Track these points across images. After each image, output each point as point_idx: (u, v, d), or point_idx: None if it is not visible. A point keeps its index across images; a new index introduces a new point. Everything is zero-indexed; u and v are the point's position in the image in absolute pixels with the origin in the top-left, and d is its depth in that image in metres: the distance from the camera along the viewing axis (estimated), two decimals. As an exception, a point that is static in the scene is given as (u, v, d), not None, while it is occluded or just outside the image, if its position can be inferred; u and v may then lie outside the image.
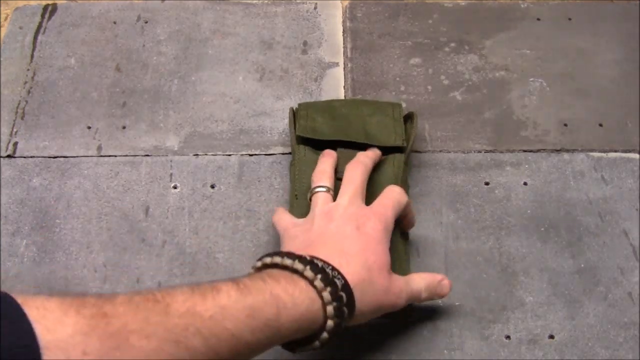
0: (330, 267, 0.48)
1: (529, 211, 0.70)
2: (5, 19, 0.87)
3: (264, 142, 0.76)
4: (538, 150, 0.75)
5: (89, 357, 0.35)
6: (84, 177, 0.73)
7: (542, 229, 0.69)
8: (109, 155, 0.75)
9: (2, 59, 0.83)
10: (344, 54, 0.84)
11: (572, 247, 0.68)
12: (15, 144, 0.75)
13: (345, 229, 0.53)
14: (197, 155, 0.75)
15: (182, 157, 0.75)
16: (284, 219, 0.60)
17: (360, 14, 0.88)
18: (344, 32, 0.86)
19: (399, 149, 0.67)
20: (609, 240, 0.68)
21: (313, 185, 0.60)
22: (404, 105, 0.75)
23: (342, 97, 0.79)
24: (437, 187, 0.72)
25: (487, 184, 0.72)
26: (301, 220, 0.58)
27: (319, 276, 0.47)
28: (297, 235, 0.55)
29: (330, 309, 0.46)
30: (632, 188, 0.72)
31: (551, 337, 0.62)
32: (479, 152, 0.75)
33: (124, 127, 0.77)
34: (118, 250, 0.68)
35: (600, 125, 0.77)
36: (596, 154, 0.75)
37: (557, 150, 0.75)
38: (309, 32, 0.86)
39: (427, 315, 0.63)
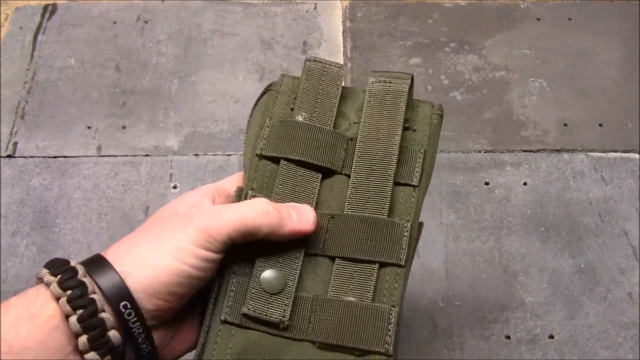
0: (105, 274, 0.33)
1: (528, 211, 0.70)
2: (6, 19, 0.87)
3: (264, 142, 0.76)
4: (538, 150, 0.75)
5: None
6: (83, 177, 0.73)
7: (542, 229, 0.69)
8: (109, 155, 0.75)
9: (2, 59, 0.83)
10: (343, 54, 0.84)
11: (571, 247, 0.68)
12: (15, 144, 0.75)
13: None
14: (197, 155, 0.75)
15: (182, 157, 0.74)
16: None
17: (360, 14, 0.88)
18: (343, 32, 0.86)
19: None
20: (608, 240, 0.68)
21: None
22: None
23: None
24: (437, 187, 0.72)
25: (487, 184, 0.72)
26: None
27: (69, 293, 0.32)
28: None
29: (83, 340, 0.32)
30: (632, 188, 0.72)
31: (551, 337, 0.62)
32: (479, 152, 0.75)
33: (123, 127, 0.77)
34: (118, 250, 0.68)
35: (600, 125, 0.77)
36: (596, 154, 0.75)
37: (557, 150, 0.75)
38: (308, 32, 0.86)
39: (427, 315, 0.63)
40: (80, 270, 0.33)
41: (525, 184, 0.72)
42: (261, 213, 0.35)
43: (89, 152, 0.75)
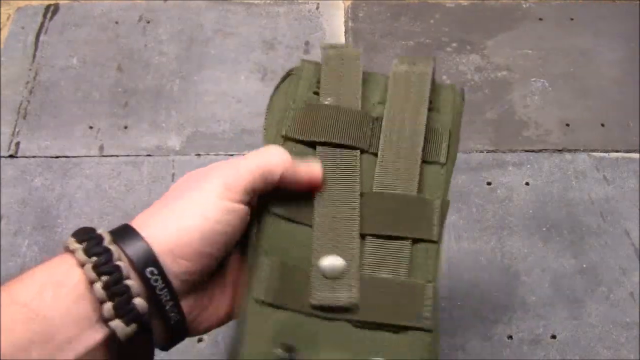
0: (129, 238, 0.33)
1: (530, 211, 0.70)
2: (8, 19, 0.87)
3: (266, 142, 0.76)
4: (540, 150, 0.75)
5: None
6: (85, 177, 0.73)
7: (544, 229, 0.69)
8: (111, 155, 0.75)
9: (4, 59, 0.83)
10: (345, 54, 0.83)
11: (574, 247, 0.68)
12: (17, 143, 0.75)
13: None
14: (199, 155, 0.75)
15: (184, 157, 0.75)
16: None
17: (362, 14, 0.88)
18: (345, 32, 0.86)
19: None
20: (610, 240, 0.68)
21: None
22: None
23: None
24: (439, 187, 0.72)
25: (489, 184, 0.72)
26: None
27: (94, 259, 0.32)
28: None
29: (107, 307, 0.31)
30: (634, 188, 0.72)
31: (553, 337, 0.62)
32: (481, 152, 0.75)
33: (125, 127, 0.77)
34: (120, 250, 0.68)
35: (602, 125, 0.77)
36: (598, 154, 0.75)
37: (559, 150, 0.75)
38: (311, 32, 0.86)
39: (429, 315, 0.63)
40: (107, 237, 0.33)
41: (527, 184, 0.72)
42: (277, 155, 0.36)
43: (90, 152, 0.75)
